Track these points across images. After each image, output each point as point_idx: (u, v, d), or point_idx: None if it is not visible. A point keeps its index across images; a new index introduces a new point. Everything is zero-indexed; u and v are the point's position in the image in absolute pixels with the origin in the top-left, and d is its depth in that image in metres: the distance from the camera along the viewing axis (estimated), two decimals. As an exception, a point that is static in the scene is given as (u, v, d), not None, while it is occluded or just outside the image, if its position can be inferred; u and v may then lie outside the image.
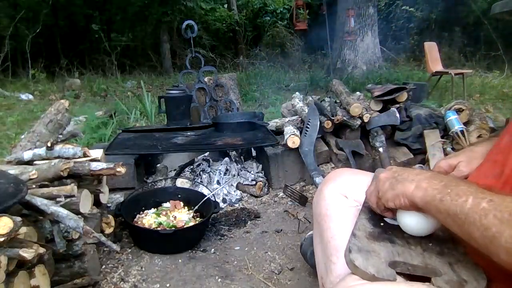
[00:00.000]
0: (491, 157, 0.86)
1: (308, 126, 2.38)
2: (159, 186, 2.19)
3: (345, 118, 2.47)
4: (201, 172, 2.31)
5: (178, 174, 2.35)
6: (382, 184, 0.79)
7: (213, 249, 1.69)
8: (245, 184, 2.28)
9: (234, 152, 2.50)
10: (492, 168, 0.81)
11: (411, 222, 0.77)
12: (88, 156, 1.55)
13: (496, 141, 0.88)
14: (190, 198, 1.91)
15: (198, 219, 1.81)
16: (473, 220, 0.59)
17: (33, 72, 7.20)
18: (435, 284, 0.64)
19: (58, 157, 1.51)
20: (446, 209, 0.64)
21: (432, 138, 2.38)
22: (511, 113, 4.05)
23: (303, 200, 2.08)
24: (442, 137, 2.40)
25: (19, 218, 0.98)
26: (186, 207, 1.88)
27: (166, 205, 1.89)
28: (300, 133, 2.37)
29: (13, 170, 1.39)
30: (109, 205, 1.81)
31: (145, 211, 1.85)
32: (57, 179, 1.39)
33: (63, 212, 1.21)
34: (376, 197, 0.81)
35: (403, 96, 2.55)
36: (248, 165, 2.46)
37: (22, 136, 1.74)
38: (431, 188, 0.69)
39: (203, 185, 2.14)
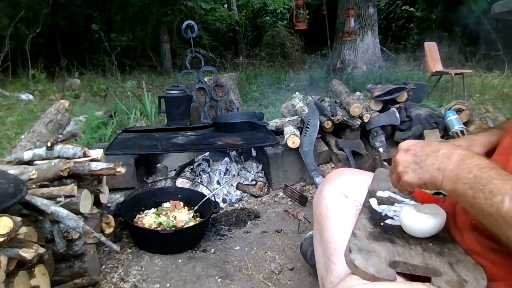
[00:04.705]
0: (493, 158, 0.86)
1: (308, 126, 2.38)
2: (159, 186, 2.19)
3: (345, 118, 2.47)
4: (201, 172, 2.31)
5: (178, 174, 2.35)
6: (403, 169, 0.74)
7: (213, 249, 1.69)
8: (245, 184, 2.28)
9: (234, 152, 2.50)
10: None
11: (413, 224, 0.77)
12: (88, 156, 1.55)
13: (499, 140, 0.88)
14: (190, 198, 1.91)
15: (198, 219, 1.81)
16: (511, 224, 0.56)
17: (33, 72, 7.20)
18: (435, 284, 0.64)
19: (58, 157, 1.51)
20: (480, 207, 0.61)
21: (432, 138, 2.37)
22: (511, 113, 4.05)
23: (303, 200, 2.08)
24: (442, 137, 2.40)
25: (19, 218, 0.98)
26: (186, 207, 1.89)
27: (166, 205, 1.89)
28: (300, 133, 2.37)
29: (13, 170, 1.39)
30: (109, 205, 1.81)
31: (145, 211, 1.85)
32: (57, 179, 1.39)
33: (63, 212, 1.21)
34: (397, 179, 0.76)
35: (403, 96, 2.55)
36: (248, 165, 2.46)
37: (22, 136, 1.74)
38: (461, 182, 0.64)
39: (203, 185, 2.14)
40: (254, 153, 2.64)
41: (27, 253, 1.00)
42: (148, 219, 1.75)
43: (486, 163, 0.64)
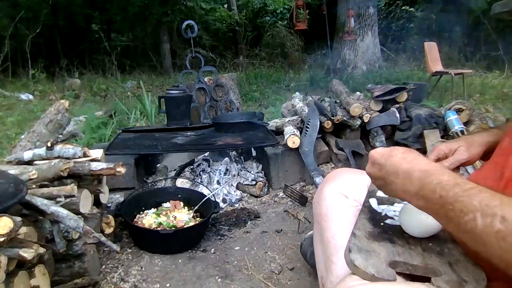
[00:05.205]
0: (492, 159, 0.86)
1: (308, 126, 2.38)
2: (159, 186, 2.19)
3: (345, 118, 2.47)
4: (201, 172, 2.31)
5: (178, 174, 2.35)
6: (374, 181, 0.75)
7: (213, 249, 1.69)
8: (245, 184, 2.28)
9: (234, 152, 2.50)
10: (492, 170, 0.81)
11: (413, 224, 0.77)
12: (88, 156, 1.55)
13: (499, 140, 0.88)
14: (190, 198, 1.91)
15: (198, 219, 1.81)
16: (489, 242, 0.55)
17: (33, 72, 7.20)
18: (435, 284, 0.64)
19: (58, 157, 1.51)
20: (456, 225, 0.59)
21: (432, 138, 2.37)
22: (511, 113, 4.05)
23: (303, 200, 2.08)
24: (442, 137, 2.40)
25: (19, 218, 0.98)
26: (186, 207, 1.89)
27: (166, 205, 1.89)
28: (300, 133, 2.37)
29: (13, 170, 1.39)
30: (109, 205, 1.81)
31: (145, 211, 1.85)
32: (57, 179, 1.39)
33: (63, 212, 1.21)
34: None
35: (403, 96, 2.55)
36: (248, 165, 2.46)
37: (22, 136, 1.74)
38: (430, 203, 0.63)
39: (203, 185, 2.14)
40: (254, 153, 2.64)
41: (27, 253, 1.00)
42: (148, 219, 1.75)
43: (446, 180, 0.62)
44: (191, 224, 1.73)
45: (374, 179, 0.75)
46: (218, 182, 2.22)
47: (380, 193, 0.97)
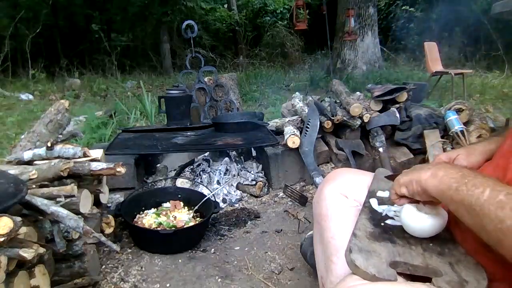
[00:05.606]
0: (494, 161, 0.86)
1: (308, 126, 2.38)
2: (159, 186, 2.19)
3: (345, 118, 2.47)
4: (201, 172, 2.31)
5: (178, 174, 2.35)
6: (404, 172, 0.80)
7: (213, 249, 1.69)
8: (245, 184, 2.28)
9: (234, 152, 2.50)
10: (494, 172, 0.81)
11: (414, 223, 0.77)
12: (88, 156, 1.55)
13: (500, 144, 0.88)
14: (190, 198, 1.91)
15: (198, 219, 1.81)
16: (488, 211, 0.58)
17: (33, 72, 7.20)
18: (436, 284, 0.64)
19: (58, 157, 1.51)
20: (461, 199, 0.63)
21: (432, 138, 2.37)
22: (511, 113, 4.04)
23: (303, 200, 2.08)
24: (442, 137, 2.40)
25: (19, 218, 0.98)
26: (186, 207, 1.89)
27: (166, 205, 1.89)
28: (300, 133, 2.37)
29: (13, 170, 1.39)
30: (109, 205, 1.81)
31: (145, 211, 1.85)
32: (57, 179, 1.39)
33: (63, 212, 1.21)
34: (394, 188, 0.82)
35: (403, 96, 2.54)
36: (248, 165, 2.46)
37: (22, 136, 1.74)
38: (447, 177, 0.68)
39: (203, 185, 2.14)
40: (254, 153, 2.64)
41: (27, 253, 1.00)
42: (148, 219, 1.75)
43: (474, 170, 0.70)
44: (191, 224, 1.72)
45: (405, 171, 0.80)
46: (218, 182, 2.22)
47: (380, 193, 0.97)
